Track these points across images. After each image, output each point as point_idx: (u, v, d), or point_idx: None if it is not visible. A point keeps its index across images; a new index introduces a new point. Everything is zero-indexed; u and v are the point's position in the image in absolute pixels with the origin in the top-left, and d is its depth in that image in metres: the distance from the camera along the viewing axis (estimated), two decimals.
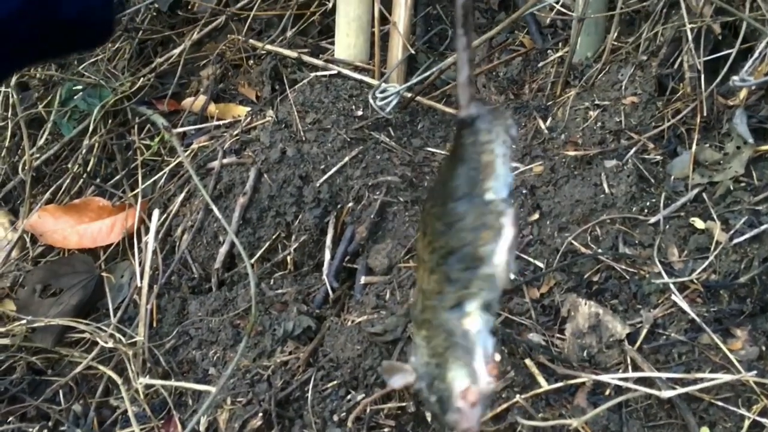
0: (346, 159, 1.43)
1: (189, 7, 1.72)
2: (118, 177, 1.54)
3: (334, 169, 1.41)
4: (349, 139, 1.45)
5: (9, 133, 1.53)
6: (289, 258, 1.39)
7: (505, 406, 1.11)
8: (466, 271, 0.66)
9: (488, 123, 0.68)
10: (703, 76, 1.38)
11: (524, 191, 1.39)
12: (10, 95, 1.51)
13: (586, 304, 1.21)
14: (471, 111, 0.68)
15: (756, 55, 1.20)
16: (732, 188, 1.30)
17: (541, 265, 1.28)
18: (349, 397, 1.18)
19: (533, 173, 1.41)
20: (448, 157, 0.70)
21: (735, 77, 1.16)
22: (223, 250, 1.39)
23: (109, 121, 1.57)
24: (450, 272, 0.66)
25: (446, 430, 0.70)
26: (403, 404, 1.16)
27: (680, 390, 1.07)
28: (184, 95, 1.66)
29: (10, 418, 1.27)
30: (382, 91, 1.52)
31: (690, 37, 1.40)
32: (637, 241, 1.29)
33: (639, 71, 1.48)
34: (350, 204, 1.40)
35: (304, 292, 1.34)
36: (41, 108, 1.55)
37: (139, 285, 1.37)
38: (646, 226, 1.30)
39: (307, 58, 1.63)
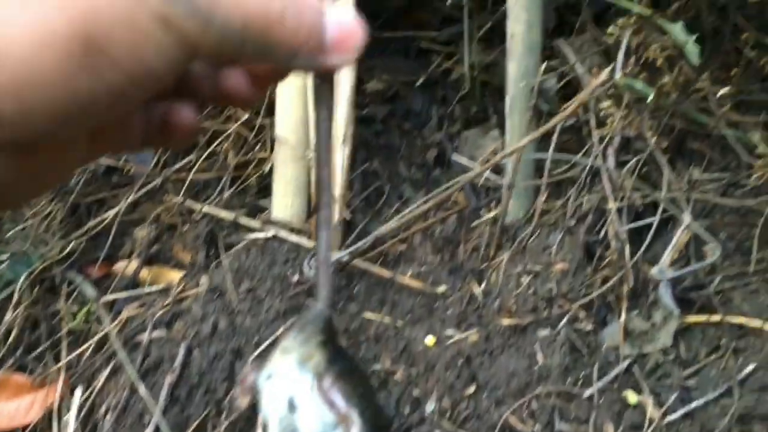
0: (280, 330, 1.40)
1: (124, 172, 1.72)
2: (41, 348, 1.48)
3: (267, 343, 1.38)
4: (283, 309, 1.43)
5: None
6: None
7: None
8: None
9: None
10: (627, 245, 1.42)
11: (460, 361, 1.38)
12: None
13: None
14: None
15: (673, 242, 1.25)
16: (661, 361, 1.31)
17: None
18: None
19: (469, 342, 1.41)
20: None
21: (654, 269, 1.20)
22: (148, 431, 1.33)
23: (36, 288, 1.52)
24: None
25: None
26: None
27: None
28: (117, 258, 1.63)
29: None
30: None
31: (613, 208, 1.45)
32: (572, 416, 1.28)
33: (568, 236, 1.52)
34: None
35: None
36: None
37: None
38: (581, 400, 1.29)
39: (243, 220, 1.63)
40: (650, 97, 1.35)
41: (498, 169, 1.73)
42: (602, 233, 1.50)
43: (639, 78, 1.40)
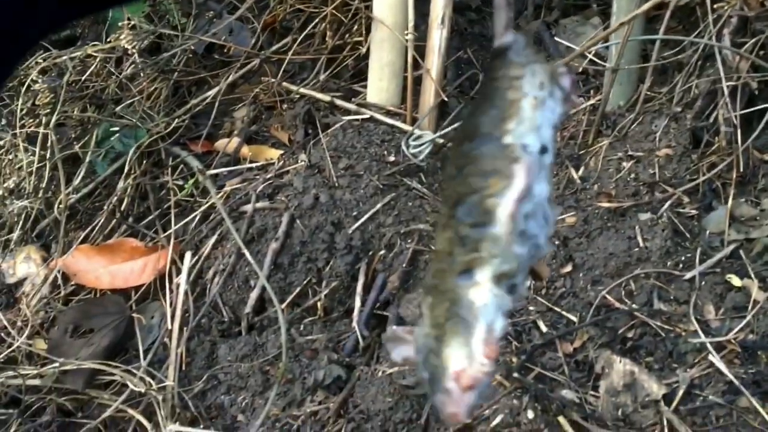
0: (379, 206, 1.43)
1: (224, 50, 1.74)
2: (150, 217, 1.55)
3: (366, 216, 1.41)
4: (381, 186, 1.46)
5: (46, 172, 1.55)
6: (319, 304, 1.39)
7: None
8: (475, 229, 0.58)
9: (523, 56, 0.59)
10: (739, 130, 1.37)
11: (557, 242, 1.38)
12: (49, 135, 1.53)
13: (620, 361, 1.20)
14: (505, 39, 0.58)
15: None
16: None
17: (574, 318, 1.27)
18: None
19: (566, 224, 1.40)
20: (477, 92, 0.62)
21: None
22: (253, 294, 1.39)
23: (144, 161, 1.59)
24: (459, 227, 0.57)
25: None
26: None
27: None
28: (218, 136, 1.68)
29: None
30: (415, 138, 1.52)
31: (726, 91, 1.39)
32: (672, 297, 1.27)
33: (673, 123, 1.47)
34: (382, 251, 1.40)
35: (334, 339, 1.34)
36: (78, 148, 1.58)
37: (169, 327, 1.38)
38: (682, 282, 1.28)
39: (339, 102, 1.64)
40: None
41: (599, 56, 1.68)
42: (711, 119, 1.44)
43: None
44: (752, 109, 1.40)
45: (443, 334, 0.55)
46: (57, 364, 1.31)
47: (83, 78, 1.61)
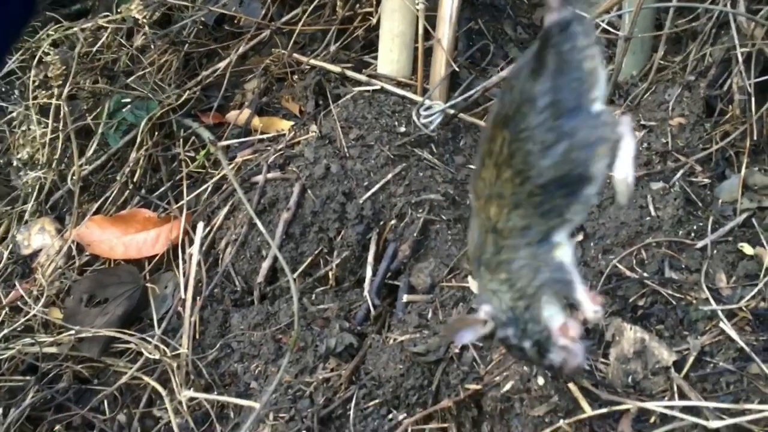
0: (390, 176, 1.43)
1: (235, 21, 1.74)
2: (163, 189, 1.56)
3: (377, 186, 1.42)
4: (392, 156, 1.46)
5: (60, 144, 1.56)
6: (330, 273, 1.40)
7: (548, 430, 1.11)
8: (567, 197, 0.59)
9: (584, 25, 0.59)
10: (753, 99, 1.36)
11: None
12: (62, 107, 1.54)
13: (631, 328, 1.20)
14: (563, 14, 0.59)
15: None
16: None
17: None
18: (390, 416, 1.18)
19: None
20: (524, 73, 0.61)
21: None
22: (265, 264, 1.41)
23: (156, 133, 1.60)
24: (546, 202, 0.59)
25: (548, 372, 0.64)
26: (445, 425, 1.16)
27: (728, 421, 1.06)
28: (229, 108, 1.68)
29: (57, 426, 1.29)
30: (426, 108, 1.52)
31: (740, 59, 1.38)
32: (683, 266, 1.27)
33: (686, 92, 1.46)
34: (393, 221, 1.40)
35: (346, 308, 1.35)
36: (90, 120, 1.58)
37: (183, 296, 1.39)
38: (693, 251, 1.28)
39: (350, 73, 1.64)
40: None
41: (612, 25, 1.66)
42: (725, 87, 1.43)
43: None
44: (767, 77, 1.38)
45: (536, 301, 0.57)
46: (73, 332, 1.33)
47: (94, 50, 1.61)
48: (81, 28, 1.61)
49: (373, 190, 1.41)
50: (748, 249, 1.26)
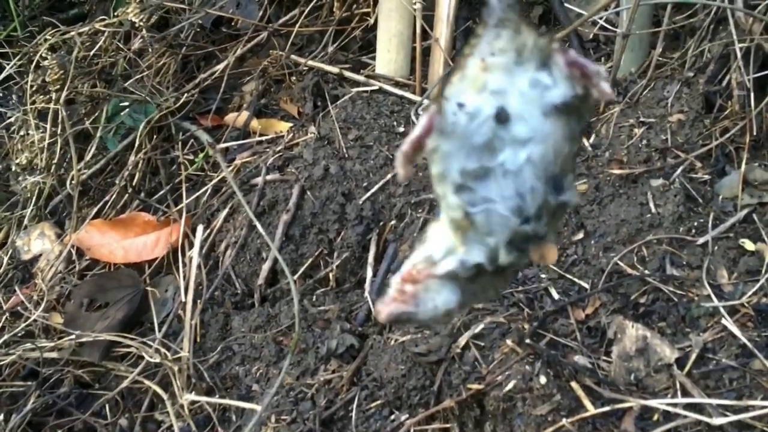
0: (389, 176, 1.43)
1: (232, 24, 1.74)
2: (162, 192, 1.56)
3: (376, 187, 1.41)
4: (391, 156, 1.45)
5: (59, 148, 1.56)
6: (331, 275, 1.40)
7: (551, 429, 1.10)
8: None
9: (496, 18, 0.58)
10: (752, 94, 1.36)
11: (568, 210, 1.37)
12: (60, 111, 1.54)
13: (633, 326, 1.19)
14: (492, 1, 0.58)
15: None
16: None
17: (586, 285, 1.27)
18: (392, 417, 1.18)
19: (577, 191, 1.40)
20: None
21: None
22: (266, 266, 1.40)
23: (154, 136, 1.60)
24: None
25: None
26: (448, 425, 1.15)
27: (731, 417, 1.05)
28: (227, 110, 1.68)
29: None
30: (425, 108, 1.52)
31: (739, 55, 1.37)
32: (684, 263, 1.27)
33: (685, 88, 1.46)
34: (393, 221, 1.40)
35: (347, 309, 1.35)
36: (88, 124, 1.58)
37: (183, 300, 1.39)
38: (694, 247, 1.28)
39: (348, 74, 1.64)
40: None
41: (610, 22, 1.66)
42: (724, 83, 1.43)
43: None
44: (766, 72, 1.38)
45: None
46: (73, 336, 1.33)
47: (92, 54, 1.61)
48: (78, 32, 1.61)
49: (372, 190, 1.41)
50: (749, 245, 1.25)
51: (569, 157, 0.62)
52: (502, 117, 0.59)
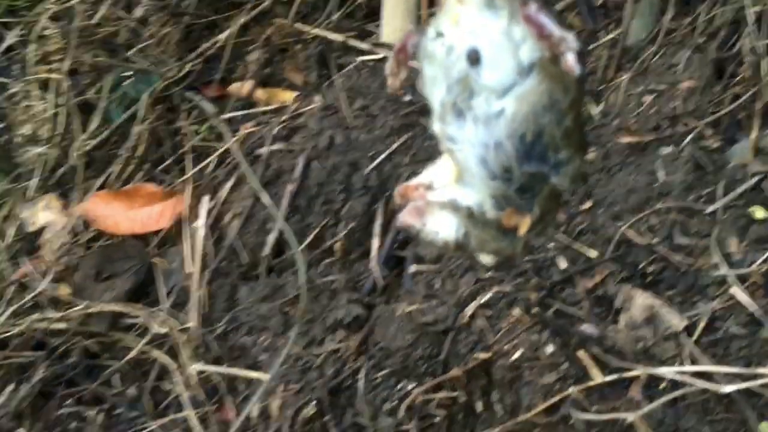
0: (395, 146, 1.41)
1: None
2: (167, 163, 1.55)
3: (382, 156, 1.40)
4: (397, 126, 1.44)
5: (62, 119, 1.55)
6: (337, 245, 1.39)
7: (558, 398, 1.11)
8: None
9: None
10: (764, 60, 1.33)
11: (560, 192, 1.35)
12: (62, 82, 1.52)
13: (641, 295, 1.19)
14: None
15: None
16: None
17: (594, 254, 1.26)
18: (400, 386, 1.18)
19: (571, 177, 1.38)
20: None
21: None
22: (271, 237, 1.40)
23: (158, 106, 1.58)
24: None
25: None
26: (455, 394, 1.16)
27: (740, 385, 1.05)
28: (231, 80, 1.66)
29: (68, 401, 1.30)
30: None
31: (751, 20, 1.35)
32: (693, 231, 1.26)
33: (696, 54, 1.44)
34: None
35: (353, 279, 1.34)
36: (91, 94, 1.57)
37: (190, 271, 1.39)
38: (703, 216, 1.27)
39: (353, 42, 1.61)
40: None
41: None
42: (735, 49, 1.40)
43: None
44: None
45: None
46: (81, 307, 1.33)
47: (93, 22, 1.59)
48: (79, 0, 1.59)
49: (378, 160, 1.40)
50: (759, 213, 1.24)
51: (558, 132, 0.61)
52: (472, 57, 0.60)
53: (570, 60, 0.56)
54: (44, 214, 1.58)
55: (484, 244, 0.71)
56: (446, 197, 0.67)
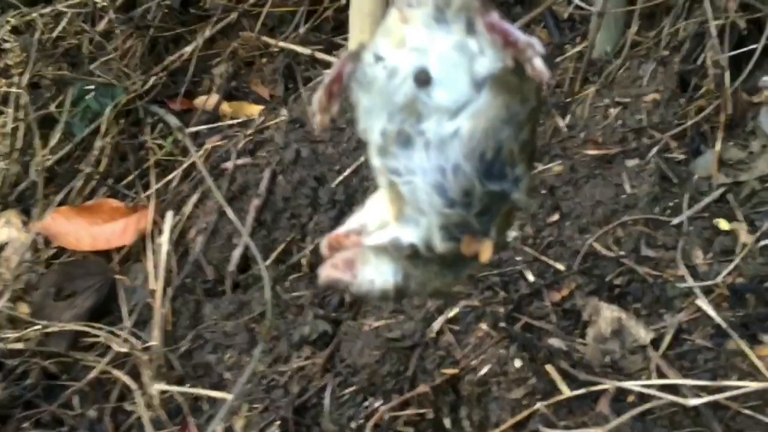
0: (362, 159, 1.40)
1: (200, 4, 1.70)
2: (130, 178, 1.52)
3: (349, 170, 1.39)
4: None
5: (21, 134, 1.51)
6: (304, 260, 1.37)
7: (526, 413, 1.09)
8: None
9: None
10: (727, 73, 1.35)
11: (543, 191, 1.36)
12: (23, 96, 1.49)
13: (608, 308, 1.19)
14: None
15: None
16: (758, 188, 1.27)
17: (561, 267, 1.26)
18: (366, 403, 1.16)
19: (552, 173, 1.38)
20: None
21: (765, 77, 1.13)
22: (237, 252, 1.38)
23: (121, 120, 1.56)
24: None
25: None
26: (423, 411, 1.14)
27: (706, 398, 1.05)
28: (197, 93, 1.64)
29: (25, 424, 1.25)
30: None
31: (714, 33, 1.36)
32: (660, 243, 1.26)
33: (660, 67, 1.45)
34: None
35: (320, 295, 1.32)
36: (53, 108, 1.54)
37: (153, 288, 1.36)
38: (669, 228, 1.27)
39: (320, 56, 1.60)
40: None
41: (585, 1, 1.64)
42: (699, 61, 1.41)
43: None
44: (741, 50, 1.37)
45: None
46: (40, 327, 1.30)
47: (54, 35, 1.56)
48: (40, 13, 1.56)
49: (345, 174, 1.39)
50: (724, 224, 1.25)
51: (516, 146, 0.58)
52: (421, 78, 0.56)
53: (538, 65, 0.54)
54: (4, 231, 1.54)
55: (426, 284, 0.65)
56: (386, 238, 0.62)
